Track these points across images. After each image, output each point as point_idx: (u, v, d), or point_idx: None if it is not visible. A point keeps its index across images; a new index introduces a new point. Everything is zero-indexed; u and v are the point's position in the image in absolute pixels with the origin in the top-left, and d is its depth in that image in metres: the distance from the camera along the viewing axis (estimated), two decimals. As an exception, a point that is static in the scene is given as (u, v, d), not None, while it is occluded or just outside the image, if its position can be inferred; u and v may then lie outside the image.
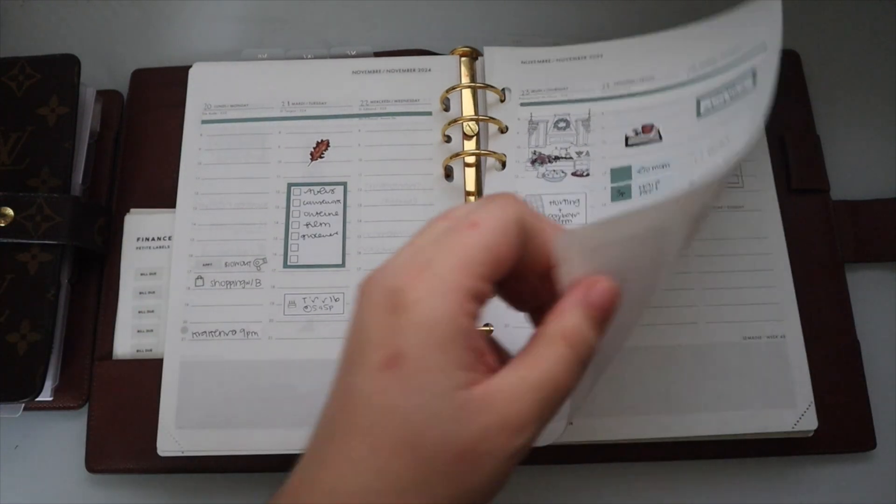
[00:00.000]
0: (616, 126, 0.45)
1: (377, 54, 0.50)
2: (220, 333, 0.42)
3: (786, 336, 0.42)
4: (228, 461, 0.42)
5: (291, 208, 0.45)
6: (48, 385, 0.42)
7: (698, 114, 0.42)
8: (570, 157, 0.45)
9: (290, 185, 0.45)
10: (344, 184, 0.45)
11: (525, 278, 0.29)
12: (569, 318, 0.27)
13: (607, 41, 0.47)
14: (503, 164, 0.45)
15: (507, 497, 0.43)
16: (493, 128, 0.46)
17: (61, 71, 0.45)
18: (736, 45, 0.40)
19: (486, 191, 0.45)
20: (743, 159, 0.44)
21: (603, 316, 0.27)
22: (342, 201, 0.45)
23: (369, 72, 0.48)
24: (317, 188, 0.45)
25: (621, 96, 0.45)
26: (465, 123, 0.46)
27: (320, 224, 0.44)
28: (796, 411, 0.41)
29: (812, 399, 0.41)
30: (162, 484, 0.43)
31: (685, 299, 0.43)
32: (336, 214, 0.44)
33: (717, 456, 0.42)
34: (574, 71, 0.47)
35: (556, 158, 0.45)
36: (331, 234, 0.44)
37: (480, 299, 0.26)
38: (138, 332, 0.44)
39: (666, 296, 0.43)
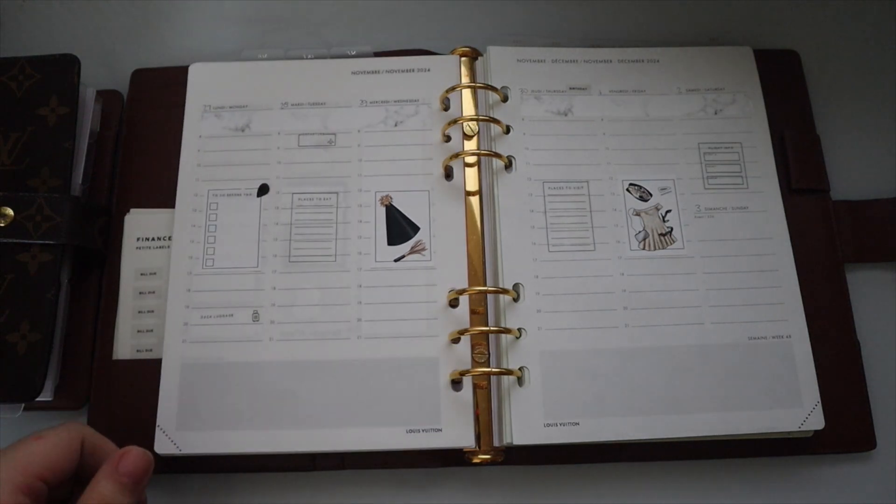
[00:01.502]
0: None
1: (377, 54, 0.50)
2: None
3: (791, 336, 0.42)
4: (228, 461, 0.42)
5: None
6: (48, 385, 0.42)
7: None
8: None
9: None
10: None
11: None
12: (99, 488, 0.33)
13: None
14: (507, 165, 0.45)
15: (513, 497, 0.43)
16: (495, 128, 0.46)
17: (61, 71, 0.45)
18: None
19: (500, 194, 0.44)
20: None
21: (133, 481, 0.34)
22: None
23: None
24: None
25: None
26: (464, 123, 0.46)
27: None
28: (803, 411, 0.41)
29: (819, 398, 0.41)
30: (162, 484, 0.43)
31: (691, 300, 0.43)
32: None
33: (718, 456, 0.43)
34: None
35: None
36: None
37: (34, 493, 0.33)
38: (138, 332, 0.44)
39: (671, 296, 0.43)
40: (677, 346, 0.42)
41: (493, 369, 0.41)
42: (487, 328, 0.42)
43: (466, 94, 0.47)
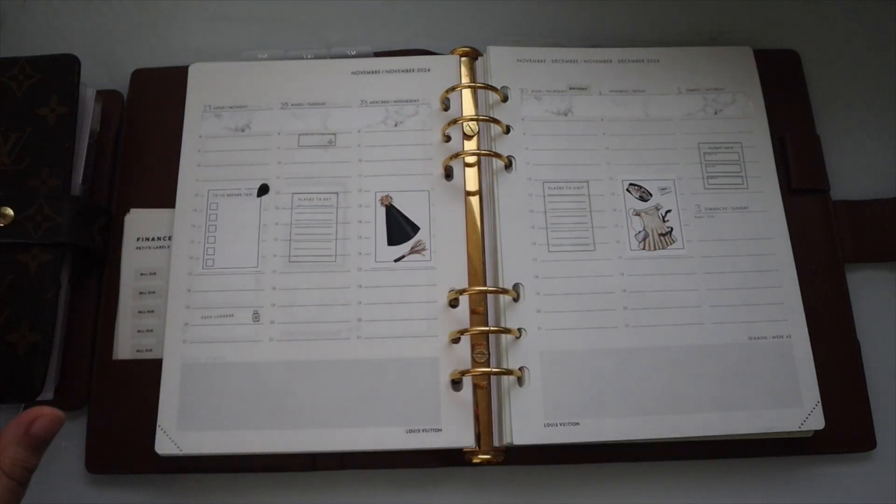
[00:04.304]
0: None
1: (377, 54, 0.50)
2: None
3: (791, 336, 0.42)
4: (228, 461, 0.42)
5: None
6: (48, 385, 0.42)
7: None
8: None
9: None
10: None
11: None
12: (9, 453, 0.32)
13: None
14: (507, 165, 0.45)
15: (513, 497, 0.43)
16: (495, 128, 0.46)
17: (61, 71, 0.45)
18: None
19: (500, 194, 0.44)
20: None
21: (43, 441, 0.33)
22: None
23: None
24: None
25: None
26: (464, 123, 0.46)
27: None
28: (803, 410, 0.41)
29: (819, 398, 0.41)
30: (162, 484, 0.43)
31: (691, 300, 0.43)
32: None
33: (718, 456, 0.43)
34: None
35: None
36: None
37: None
38: (138, 332, 0.44)
39: (671, 296, 0.43)
40: (677, 346, 0.42)
41: (493, 369, 0.41)
42: (487, 328, 0.42)
43: (466, 94, 0.47)
